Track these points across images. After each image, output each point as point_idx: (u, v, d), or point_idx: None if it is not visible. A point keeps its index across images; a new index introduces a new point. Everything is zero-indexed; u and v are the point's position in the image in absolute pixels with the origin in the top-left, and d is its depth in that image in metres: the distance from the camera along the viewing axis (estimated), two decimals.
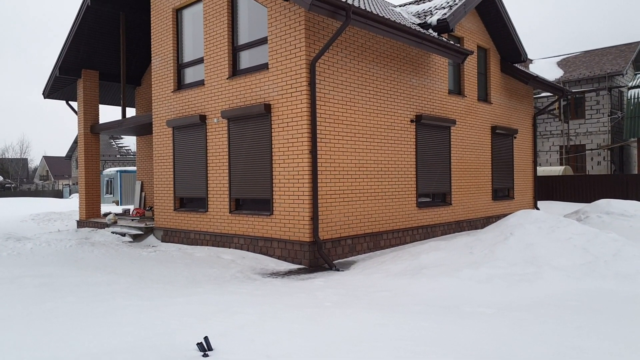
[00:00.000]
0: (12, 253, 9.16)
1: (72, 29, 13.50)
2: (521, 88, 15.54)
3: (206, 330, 4.30)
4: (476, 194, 13.22)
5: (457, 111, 12.50)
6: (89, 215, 14.62)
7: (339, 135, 9.05)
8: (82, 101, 14.54)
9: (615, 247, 7.82)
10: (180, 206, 11.33)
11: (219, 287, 6.70)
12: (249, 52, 9.71)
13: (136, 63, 15.71)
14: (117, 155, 41.40)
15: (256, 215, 9.33)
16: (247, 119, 9.49)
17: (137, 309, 5.37)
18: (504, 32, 13.92)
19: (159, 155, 11.81)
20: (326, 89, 8.78)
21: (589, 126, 24.41)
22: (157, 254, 9.46)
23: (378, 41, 9.94)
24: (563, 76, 25.26)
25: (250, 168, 9.49)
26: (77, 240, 10.78)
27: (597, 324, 4.75)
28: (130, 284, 6.78)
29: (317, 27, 8.63)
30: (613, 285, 6.39)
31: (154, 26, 11.75)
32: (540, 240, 8.22)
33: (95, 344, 4.14)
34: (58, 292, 6.18)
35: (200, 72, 10.71)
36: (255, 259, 8.82)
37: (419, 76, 11.13)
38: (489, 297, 5.96)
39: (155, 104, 11.83)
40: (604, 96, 23.93)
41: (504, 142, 14.67)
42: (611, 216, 12.58)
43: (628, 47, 26.50)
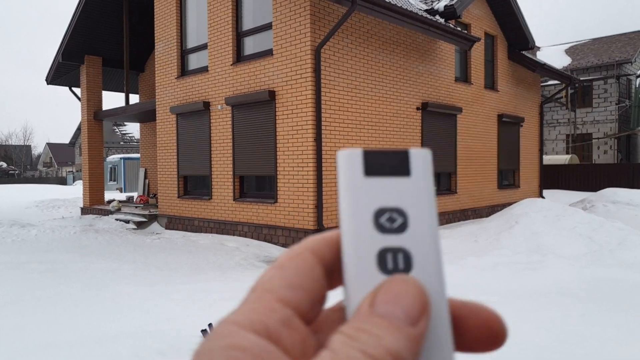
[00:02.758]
0: (16, 239, 9.22)
1: (75, 14, 13.40)
2: (528, 76, 15.36)
3: (210, 317, 4.31)
4: (482, 183, 13.15)
5: (464, 99, 12.38)
6: (93, 202, 14.67)
7: (344, 122, 8.98)
8: (85, 88, 14.49)
9: (620, 236, 7.81)
10: (184, 193, 11.34)
11: (223, 275, 6.73)
12: (253, 38, 9.61)
13: (139, 49, 15.60)
14: (121, 142, 41.46)
15: (260, 203, 9.32)
16: (251, 105, 9.42)
17: (141, 295, 5.41)
18: (512, 18, 13.71)
19: (163, 142, 11.79)
20: (331, 76, 8.70)
21: (596, 115, 24.16)
22: (161, 241, 9.50)
23: (384, 27, 9.81)
24: (571, 64, 24.95)
25: (255, 155, 9.45)
26: (81, 227, 10.83)
27: (601, 312, 4.76)
28: (135, 271, 6.82)
29: (322, 13, 8.52)
30: (617, 274, 6.40)
31: (157, 11, 11.64)
32: (545, 228, 8.19)
33: (99, 329, 4.18)
34: (63, 278, 6.22)
35: (204, 58, 10.62)
36: (260, 247, 8.84)
37: (425, 63, 11.00)
38: (493, 285, 5.97)
39: (159, 90, 11.77)
40: (612, 84, 23.65)
41: (511, 131, 14.55)
42: (617, 205, 12.51)
43: (637, 35, 26.09)
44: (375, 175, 0.29)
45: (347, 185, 0.29)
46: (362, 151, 0.30)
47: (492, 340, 0.29)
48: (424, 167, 0.30)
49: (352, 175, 0.29)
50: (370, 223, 0.29)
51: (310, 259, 0.29)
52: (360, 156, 0.30)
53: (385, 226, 0.29)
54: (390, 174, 0.29)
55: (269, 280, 0.28)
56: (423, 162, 0.30)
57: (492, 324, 0.29)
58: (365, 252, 0.28)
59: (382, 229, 0.29)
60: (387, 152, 0.30)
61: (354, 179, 0.29)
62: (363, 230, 0.29)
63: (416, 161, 0.30)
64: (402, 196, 0.29)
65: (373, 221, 0.29)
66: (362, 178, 0.29)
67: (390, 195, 0.29)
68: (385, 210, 0.29)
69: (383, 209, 0.29)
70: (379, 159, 0.30)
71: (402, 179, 0.29)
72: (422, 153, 0.30)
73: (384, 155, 0.30)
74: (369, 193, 0.29)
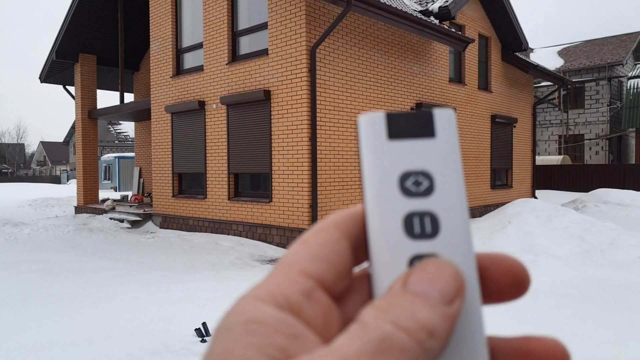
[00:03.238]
0: (9, 238, 9.16)
1: (69, 11, 13.32)
2: (521, 77, 15.46)
3: (204, 316, 4.32)
4: (475, 183, 13.23)
5: (457, 99, 12.44)
6: (87, 201, 14.59)
7: (339, 122, 9.01)
8: (80, 86, 14.40)
9: (611, 236, 7.87)
10: (178, 192, 11.31)
11: (218, 274, 6.73)
12: (248, 38, 9.61)
13: (135, 48, 15.53)
14: (116, 141, 41.23)
15: (255, 202, 9.32)
16: (247, 105, 9.42)
17: (135, 294, 5.39)
18: (506, 20, 13.80)
19: (158, 141, 11.75)
20: (326, 76, 8.72)
21: (588, 116, 24.37)
22: (155, 240, 9.47)
23: (379, 28, 9.84)
24: (563, 65, 25.14)
25: (250, 155, 9.45)
26: (75, 226, 10.77)
27: (593, 311, 4.80)
28: (129, 270, 6.79)
29: (317, 13, 8.53)
30: (609, 274, 6.46)
31: (152, 10, 11.60)
32: (538, 228, 8.26)
33: (93, 329, 4.16)
34: (56, 277, 6.19)
35: (200, 58, 10.61)
36: (254, 246, 8.85)
37: (420, 64, 11.06)
38: None
39: (154, 89, 11.74)
40: (604, 86, 23.86)
41: (504, 131, 14.64)
42: (608, 205, 12.63)
43: (629, 37, 26.34)
44: (399, 138, 0.29)
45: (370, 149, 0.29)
46: (384, 114, 0.29)
47: (516, 287, 0.29)
48: (449, 128, 0.29)
49: (375, 139, 0.29)
50: (395, 187, 0.28)
51: (335, 233, 0.28)
52: (383, 119, 0.29)
53: (411, 190, 0.28)
54: (415, 136, 0.29)
55: (293, 254, 0.28)
56: (448, 123, 0.29)
57: (515, 270, 0.28)
58: (391, 216, 0.28)
59: (407, 193, 0.28)
60: (410, 114, 0.29)
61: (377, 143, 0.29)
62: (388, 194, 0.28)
63: (441, 122, 0.29)
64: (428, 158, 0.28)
65: (398, 185, 0.28)
66: (385, 141, 0.29)
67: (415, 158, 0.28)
68: (410, 173, 0.28)
69: (408, 172, 0.28)
70: (403, 121, 0.29)
71: (426, 140, 0.29)
72: (446, 113, 0.29)
73: (408, 118, 0.29)
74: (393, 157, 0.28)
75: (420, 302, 0.24)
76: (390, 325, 0.23)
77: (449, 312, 0.25)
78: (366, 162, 0.29)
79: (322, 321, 0.26)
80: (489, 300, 0.29)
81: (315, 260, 0.27)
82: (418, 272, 0.26)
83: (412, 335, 0.23)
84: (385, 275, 0.27)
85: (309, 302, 0.26)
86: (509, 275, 0.28)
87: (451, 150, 0.29)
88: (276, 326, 0.24)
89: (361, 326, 0.23)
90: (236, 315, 0.24)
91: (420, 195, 0.28)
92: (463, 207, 0.28)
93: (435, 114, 0.29)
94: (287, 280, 0.26)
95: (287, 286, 0.26)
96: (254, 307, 0.24)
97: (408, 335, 0.23)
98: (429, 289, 0.25)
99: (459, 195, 0.28)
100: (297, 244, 0.28)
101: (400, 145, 0.28)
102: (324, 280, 0.27)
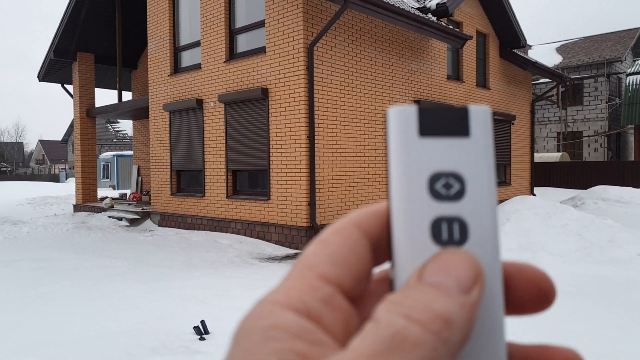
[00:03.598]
0: (8, 237, 9.15)
1: (66, 10, 13.28)
2: (520, 74, 15.45)
3: (203, 314, 4.32)
4: None
5: (456, 96, 12.44)
6: (86, 199, 14.58)
7: (337, 120, 9.00)
8: (78, 85, 14.37)
9: (610, 234, 7.88)
10: (177, 190, 11.30)
11: (216, 272, 6.72)
12: (246, 36, 9.59)
13: (132, 46, 15.49)
14: (114, 139, 41.16)
15: (253, 200, 9.32)
16: (244, 103, 9.41)
17: (134, 292, 5.38)
18: (504, 17, 13.77)
19: (156, 140, 11.74)
20: (324, 74, 8.70)
21: (587, 113, 24.37)
22: (154, 238, 9.47)
23: (377, 25, 9.82)
24: (562, 62, 25.12)
25: (248, 153, 9.45)
26: (73, 225, 10.77)
27: (591, 308, 4.80)
28: (127, 268, 6.79)
29: (315, 11, 8.52)
30: (607, 271, 6.46)
31: (150, 8, 11.57)
32: (536, 226, 8.26)
33: (91, 327, 4.16)
34: (55, 275, 6.19)
35: (197, 56, 10.59)
36: (253, 244, 8.84)
37: (418, 61, 11.04)
38: None
39: (152, 87, 11.71)
40: (602, 83, 23.85)
41: (502, 129, 14.64)
42: (607, 202, 12.64)
43: (627, 34, 26.32)
44: (431, 135, 0.27)
45: (399, 146, 0.27)
46: (417, 108, 0.27)
47: (540, 300, 0.27)
48: (484, 127, 0.27)
49: (405, 135, 0.27)
50: (424, 189, 0.26)
51: (355, 233, 0.27)
52: (415, 114, 0.27)
53: (441, 193, 0.26)
54: (448, 134, 0.27)
55: (311, 255, 0.26)
56: (484, 121, 0.27)
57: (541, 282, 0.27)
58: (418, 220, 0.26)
59: (437, 196, 0.26)
60: (444, 110, 0.27)
61: (407, 139, 0.27)
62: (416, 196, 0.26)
63: (476, 120, 0.27)
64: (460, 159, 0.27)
65: (427, 187, 0.26)
66: (416, 138, 0.27)
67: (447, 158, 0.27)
68: (441, 174, 0.26)
69: (439, 173, 0.26)
70: (436, 117, 0.27)
71: (460, 139, 0.27)
72: (483, 111, 0.27)
73: (441, 114, 0.27)
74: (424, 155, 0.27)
75: (435, 292, 0.23)
76: (402, 318, 0.22)
77: (467, 301, 0.23)
78: (394, 159, 0.27)
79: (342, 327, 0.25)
80: (511, 312, 0.28)
81: (334, 263, 0.26)
82: (433, 263, 0.25)
83: (427, 326, 0.22)
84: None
85: (329, 308, 0.25)
86: (534, 286, 0.27)
87: (485, 152, 0.27)
88: (297, 332, 0.23)
89: (374, 323, 0.23)
90: (256, 320, 0.24)
91: (450, 199, 0.26)
92: (494, 214, 0.26)
93: (471, 111, 0.27)
94: (306, 286, 0.25)
95: (306, 292, 0.25)
96: (274, 313, 0.24)
97: (422, 327, 0.22)
98: (444, 279, 0.24)
99: (491, 201, 0.27)
100: (315, 243, 0.27)
101: (432, 143, 0.27)
102: (343, 284, 0.26)
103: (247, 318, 0.24)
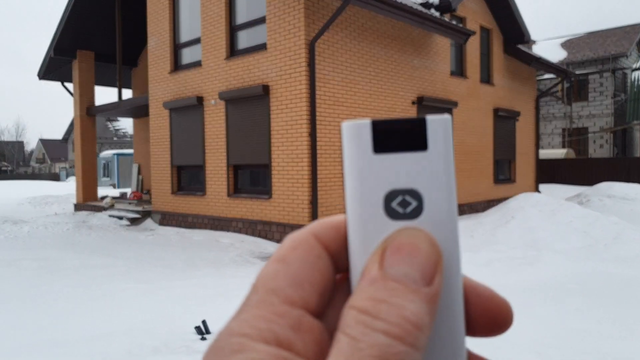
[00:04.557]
0: (9, 236, 9.13)
1: (66, 8, 13.23)
2: (524, 69, 15.31)
3: (204, 314, 4.29)
4: (477, 177, 13.14)
5: (459, 93, 12.32)
6: (86, 198, 14.55)
7: (339, 117, 8.91)
8: (78, 83, 14.33)
9: (615, 231, 7.81)
10: (178, 189, 11.25)
11: (218, 271, 6.68)
12: (247, 32, 9.51)
13: (132, 43, 15.42)
14: (114, 137, 41.19)
15: (255, 199, 9.26)
16: (245, 100, 9.34)
17: (135, 292, 5.36)
18: (507, 12, 13.64)
19: (156, 138, 11.69)
20: (326, 70, 8.62)
21: (592, 109, 24.18)
22: (154, 238, 9.43)
23: (379, 21, 9.72)
24: (567, 58, 24.92)
25: (249, 151, 9.38)
26: (74, 224, 10.74)
27: (596, 306, 4.75)
28: (128, 268, 6.76)
29: (316, 7, 8.42)
30: (612, 269, 6.40)
31: (150, 5, 11.50)
32: (541, 223, 8.18)
33: (93, 326, 4.14)
34: (56, 275, 6.17)
35: (198, 53, 10.51)
36: (254, 243, 8.79)
37: (421, 57, 10.93)
38: (488, 281, 5.91)
39: (152, 85, 11.66)
40: (608, 78, 23.65)
41: (506, 125, 14.52)
42: (612, 200, 12.52)
43: (633, 29, 26.08)
44: (386, 151, 0.25)
45: (353, 164, 0.26)
46: (370, 122, 0.26)
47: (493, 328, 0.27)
48: (443, 139, 0.26)
49: (359, 152, 0.26)
50: (380, 208, 0.25)
51: (316, 247, 0.26)
52: (369, 128, 0.25)
53: (398, 211, 0.25)
54: (404, 149, 0.25)
55: (273, 278, 0.25)
56: (443, 133, 0.26)
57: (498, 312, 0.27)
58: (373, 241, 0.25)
59: (393, 215, 0.25)
60: (400, 122, 0.25)
61: (361, 156, 0.26)
62: (372, 216, 0.25)
63: (434, 131, 0.25)
64: (417, 175, 0.25)
65: (383, 206, 0.25)
66: (370, 155, 0.26)
67: (403, 175, 0.25)
68: (397, 192, 0.25)
69: (395, 190, 0.25)
70: (391, 130, 0.25)
71: (417, 153, 0.25)
72: (441, 121, 0.25)
73: (397, 126, 0.25)
74: (379, 173, 0.25)
75: (403, 290, 0.23)
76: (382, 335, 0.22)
77: (430, 293, 0.23)
78: (349, 177, 0.26)
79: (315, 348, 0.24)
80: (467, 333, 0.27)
81: (298, 285, 0.25)
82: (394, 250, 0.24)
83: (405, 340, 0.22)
84: None
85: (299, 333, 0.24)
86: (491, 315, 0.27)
87: (444, 166, 0.26)
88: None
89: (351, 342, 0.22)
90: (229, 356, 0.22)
91: (407, 218, 0.25)
92: (454, 232, 0.26)
93: (428, 122, 0.25)
94: (273, 314, 0.24)
95: (274, 320, 0.24)
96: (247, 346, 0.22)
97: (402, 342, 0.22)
98: (408, 270, 0.23)
99: (450, 218, 0.26)
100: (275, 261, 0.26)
101: (388, 159, 0.26)
102: (309, 305, 0.25)
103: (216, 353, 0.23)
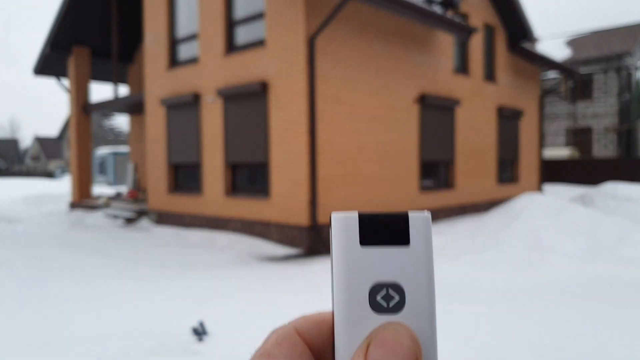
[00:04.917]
0: (3, 235, 9.02)
1: (63, 3, 13.09)
2: (528, 68, 15.11)
3: (201, 315, 4.22)
4: (481, 177, 12.96)
5: (462, 91, 12.14)
6: (82, 197, 14.41)
7: (339, 115, 8.74)
8: (74, 80, 14.19)
9: (620, 232, 7.69)
10: (174, 188, 11.11)
11: (215, 272, 6.58)
12: (245, 28, 9.34)
13: (128, 39, 15.26)
14: (110, 135, 41.09)
15: (253, 198, 9.10)
16: (243, 97, 9.18)
17: (130, 293, 5.30)
18: (511, 9, 13.45)
19: (152, 136, 11.54)
20: (326, 67, 8.44)
21: (596, 108, 23.95)
22: (150, 238, 9.31)
23: (381, 17, 9.54)
24: (571, 56, 24.69)
25: (247, 149, 9.22)
26: (69, 223, 10.62)
27: (600, 309, 4.68)
28: (124, 268, 6.66)
29: (316, 2, 8.25)
30: (617, 271, 6.32)
31: (146, 0, 11.34)
32: (544, 224, 8.03)
33: (88, 327, 4.11)
34: (50, 274, 6.09)
35: (195, 49, 10.35)
36: (252, 243, 8.65)
37: (423, 54, 10.75)
38: (491, 283, 5.85)
39: (148, 82, 11.50)
40: (612, 77, 23.41)
41: (510, 124, 14.33)
42: (617, 200, 12.34)
43: (638, 27, 25.83)
44: (372, 245, 0.27)
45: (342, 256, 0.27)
46: (357, 216, 0.28)
47: None
48: (424, 235, 0.28)
49: (347, 244, 0.27)
50: (365, 301, 0.27)
51: (299, 344, 0.27)
52: (356, 222, 0.28)
53: (382, 305, 0.27)
54: (388, 243, 0.27)
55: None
56: (423, 228, 0.28)
57: None
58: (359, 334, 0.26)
59: (377, 309, 0.27)
60: (384, 217, 0.28)
61: (349, 249, 0.27)
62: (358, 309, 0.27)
63: (416, 228, 0.28)
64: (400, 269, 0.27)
65: (368, 299, 0.27)
66: (358, 248, 0.27)
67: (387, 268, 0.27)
68: (382, 285, 0.27)
69: (380, 284, 0.27)
70: (377, 225, 0.28)
71: (400, 248, 0.28)
72: (422, 218, 0.28)
73: (382, 221, 0.28)
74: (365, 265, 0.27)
75: None
76: None
77: None
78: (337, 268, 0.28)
79: None
80: None
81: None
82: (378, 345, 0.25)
83: None
84: None
85: None
86: None
87: (424, 261, 0.28)
88: None
89: None
90: None
91: (390, 312, 0.27)
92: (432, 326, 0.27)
93: (410, 218, 0.28)
94: None
95: None
96: None
97: None
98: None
99: (429, 312, 0.27)
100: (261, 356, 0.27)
101: (373, 252, 0.28)
102: None
103: None
